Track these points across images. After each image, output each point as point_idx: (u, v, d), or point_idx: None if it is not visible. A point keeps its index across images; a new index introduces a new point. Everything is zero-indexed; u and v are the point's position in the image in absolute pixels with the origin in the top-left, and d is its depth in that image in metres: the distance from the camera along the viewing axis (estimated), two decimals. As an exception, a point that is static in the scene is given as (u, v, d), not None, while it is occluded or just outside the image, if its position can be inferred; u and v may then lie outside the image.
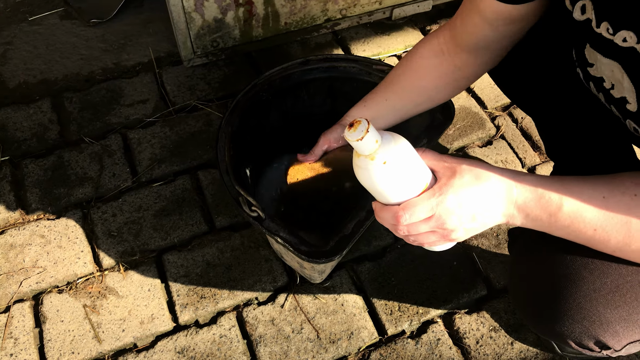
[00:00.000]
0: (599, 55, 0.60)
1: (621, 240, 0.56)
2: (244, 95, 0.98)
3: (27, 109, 1.29)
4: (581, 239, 0.58)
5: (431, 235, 0.61)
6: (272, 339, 0.99)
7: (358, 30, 1.49)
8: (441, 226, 0.60)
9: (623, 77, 0.58)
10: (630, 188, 0.55)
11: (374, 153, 0.56)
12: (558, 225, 0.58)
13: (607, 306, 0.62)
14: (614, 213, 0.55)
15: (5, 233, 1.09)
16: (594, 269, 0.62)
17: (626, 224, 0.55)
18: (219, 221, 1.13)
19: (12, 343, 0.97)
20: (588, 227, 0.56)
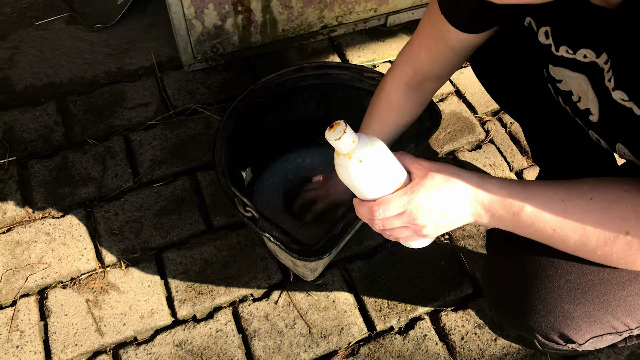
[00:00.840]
0: (567, 70, 0.65)
1: (578, 240, 0.60)
2: (241, 100, 1.03)
3: (34, 111, 1.34)
4: (543, 238, 0.63)
5: (404, 230, 0.66)
6: (266, 333, 1.03)
7: (354, 36, 1.54)
8: (412, 221, 0.64)
9: (588, 89, 0.62)
10: (586, 192, 0.60)
11: (351, 152, 0.61)
12: (521, 224, 0.63)
13: (570, 302, 0.66)
14: (571, 214, 0.60)
15: (12, 230, 1.14)
16: (558, 268, 0.66)
17: (582, 225, 0.59)
18: (217, 221, 1.18)
19: (18, 335, 1.02)
20: (548, 227, 0.61)
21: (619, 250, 0.59)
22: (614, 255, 0.59)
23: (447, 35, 0.76)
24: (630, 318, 0.67)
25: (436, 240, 1.16)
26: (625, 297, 0.66)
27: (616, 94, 0.56)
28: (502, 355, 1.02)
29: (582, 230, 0.59)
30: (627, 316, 0.67)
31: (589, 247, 0.60)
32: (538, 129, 1.02)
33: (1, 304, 1.06)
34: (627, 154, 0.62)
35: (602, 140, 0.66)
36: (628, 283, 0.66)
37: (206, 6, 1.28)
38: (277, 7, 1.35)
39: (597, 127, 0.64)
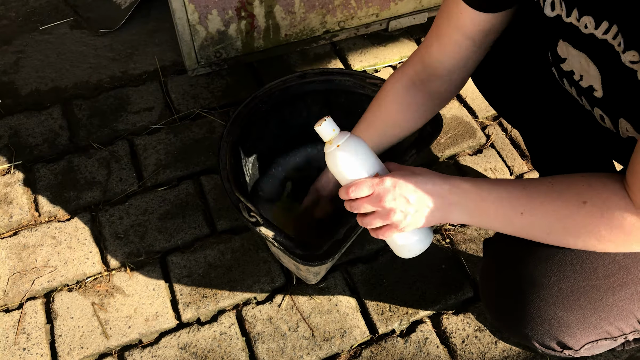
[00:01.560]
0: (570, 47, 0.65)
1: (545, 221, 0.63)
2: (245, 106, 1.04)
3: (39, 116, 1.36)
4: (514, 224, 0.65)
5: (376, 217, 0.70)
6: (270, 336, 1.05)
7: (355, 41, 1.55)
8: (379, 203, 0.68)
9: (589, 66, 0.63)
10: (546, 179, 0.64)
11: (332, 139, 0.73)
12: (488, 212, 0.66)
13: (564, 309, 0.68)
14: (534, 197, 0.63)
15: (19, 234, 1.16)
16: (551, 276, 0.68)
17: (546, 205, 0.63)
18: (220, 224, 1.19)
19: (25, 338, 1.03)
20: (515, 211, 0.64)
21: (581, 220, 0.62)
22: (578, 226, 0.62)
23: (460, 18, 0.74)
24: (623, 322, 0.69)
25: (437, 244, 1.17)
26: (617, 302, 0.67)
27: (626, 55, 0.56)
28: (502, 358, 1.03)
29: (546, 208, 0.63)
30: (620, 321, 0.69)
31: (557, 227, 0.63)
32: (538, 135, 1.03)
33: (8, 307, 1.07)
34: (630, 131, 0.63)
35: (607, 118, 0.66)
36: (619, 288, 0.67)
37: (210, 12, 1.30)
38: (280, 13, 1.37)
39: (601, 103, 0.65)
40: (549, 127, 0.97)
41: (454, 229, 1.20)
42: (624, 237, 0.61)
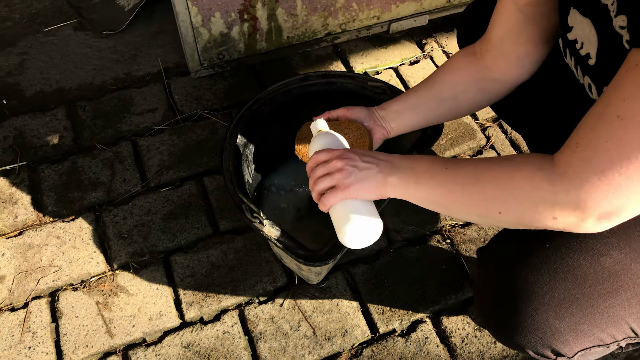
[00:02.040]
0: (577, 13, 0.66)
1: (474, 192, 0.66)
2: (248, 109, 1.06)
3: (44, 117, 1.37)
4: (448, 198, 0.69)
5: (325, 179, 0.77)
6: (272, 335, 1.06)
7: (357, 43, 1.56)
8: (330, 163, 0.77)
9: (591, 32, 0.64)
10: (466, 160, 0.69)
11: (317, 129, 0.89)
12: (420, 182, 0.71)
13: (556, 317, 0.68)
14: (461, 172, 0.68)
15: (24, 234, 1.17)
16: (543, 285, 0.69)
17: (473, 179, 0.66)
18: (223, 225, 1.21)
19: (31, 337, 1.05)
20: (441, 167, 0.70)
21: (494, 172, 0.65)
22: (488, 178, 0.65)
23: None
24: (615, 329, 0.70)
25: (437, 245, 1.19)
26: (608, 308, 0.68)
27: (617, 20, 0.56)
28: (501, 358, 1.04)
29: (466, 164, 0.68)
30: (612, 327, 0.70)
31: (487, 196, 0.65)
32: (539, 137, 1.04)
33: (14, 306, 1.08)
34: None
35: (594, 87, 0.67)
36: (610, 295, 0.68)
37: (213, 14, 1.31)
38: (283, 15, 1.38)
39: (592, 70, 0.65)
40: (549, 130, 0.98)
41: (454, 230, 1.21)
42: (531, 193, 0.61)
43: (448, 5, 1.55)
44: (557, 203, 0.59)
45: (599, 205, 0.56)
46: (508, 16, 0.79)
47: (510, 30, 0.80)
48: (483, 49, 0.86)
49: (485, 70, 0.87)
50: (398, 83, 1.48)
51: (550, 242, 0.72)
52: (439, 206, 0.72)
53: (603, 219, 0.58)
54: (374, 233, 0.77)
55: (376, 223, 0.76)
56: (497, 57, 0.84)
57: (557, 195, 0.58)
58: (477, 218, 0.69)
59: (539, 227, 0.63)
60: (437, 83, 0.91)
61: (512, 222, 0.65)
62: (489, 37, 0.84)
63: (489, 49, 0.84)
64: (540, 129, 1.00)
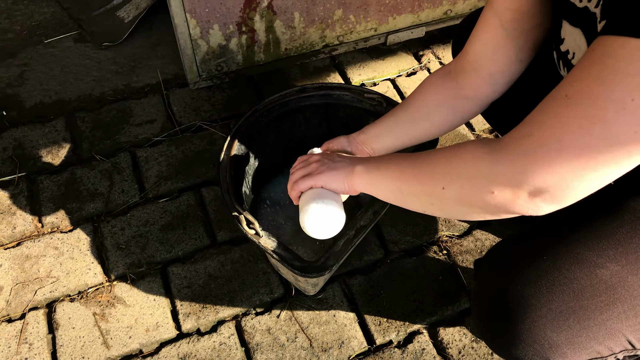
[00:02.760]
0: (568, 25, 0.67)
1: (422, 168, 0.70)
2: (245, 120, 1.07)
3: (43, 128, 1.38)
4: (400, 179, 0.72)
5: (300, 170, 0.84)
6: (269, 347, 1.06)
7: (354, 55, 1.58)
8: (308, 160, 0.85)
9: (581, 40, 0.64)
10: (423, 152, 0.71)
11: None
12: (381, 168, 0.75)
13: (554, 330, 0.68)
14: (417, 155, 0.71)
15: (22, 245, 1.17)
16: (540, 297, 0.69)
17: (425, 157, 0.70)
18: (221, 235, 1.21)
19: (27, 348, 1.05)
20: (397, 168, 0.73)
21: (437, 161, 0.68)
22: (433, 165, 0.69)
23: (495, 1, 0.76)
24: (613, 342, 0.70)
25: (434, 256, 1.19)
26: (605, 321, 0.68)
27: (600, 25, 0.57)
28: (498, 369, 1.04)
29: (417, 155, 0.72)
30: (609, 340, 0.70)
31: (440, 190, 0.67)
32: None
33: (10, 317, 1.08)
34: None
35: None
36: (607, 308, 0.68)
37: (211, 27, 1.32)
38: (280, 28, 1.40)
39: None
40: None
41: (451, 241, 1.22)
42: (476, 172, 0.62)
43: (445, 17, 1.57)
44: (494, 174, 0.59)
45: (532, 178, 0.56)
46: (488, 31, 0.80)
47: (487, 46, 0.81)
48: (458, 67, 0.87)
49: (457, 88, 0.87)
50: (395, 94, 1.49)
51: (547, 254, 0.72)
52: (396, 192, 0.73)
53: (536, 196, 0.57)
54: (335, 225, 0.80)
55: (338, 215, 0.80)
56: (471, 74, 0.85)
57: (496, 166, 0.59)
58: (426, 199, 0.69)
59: (478, 205, 0.63)
60: (411, 104, 0.93)
61: (454, 199, 0.65)
62: (464, 53, 0.85)
63: (464, 65, 0.85)
64: None
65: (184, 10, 1.26)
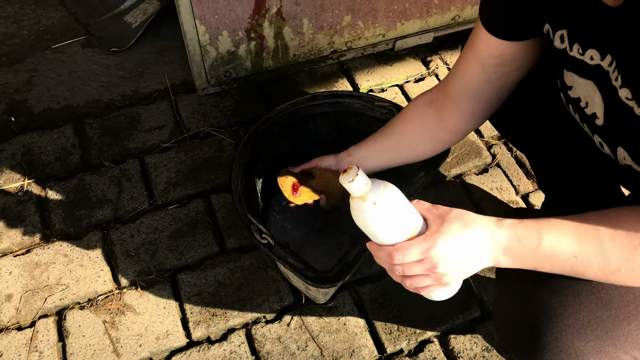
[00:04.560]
0: (576, 76, 0.68)
1: (601, 262, 0.62)
2: (256, 128, 1.06)
3: (51, 134, 1.38)
4: (566, 268, 0.65)
5: (425, 278, 0.67)
6: (279, 355, 1.06)
7: (362, 60, 1.57)
8: (433, 269, 0.66)
9: (595, 93, 0.65)
10: (594, 218, 0.64)
11: (365, 195, 0.65)
12: (543, 259, 0.65)
13: (581, 339, 0.68)
14: (586, 239, 0.63)
15: (31, 252, 1.17)
16: (567, 306, 0.69)
17: (600, 246, 0.62)
18: (230, 243, 1.21)
19: (37, 356, 1.05)
20: (569, 255, 0.63)
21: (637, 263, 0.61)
22: (637, 269, 0.62)
23: (476, 40, 0.77)
24: (638, 351, 0.70)
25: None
26: (632, 331, 0.68)
27: (622, 92, 0.59)
28: (510, 379, 1.04)
29: (602, 250, 0.62)
30: (635, 349, 0.69)
31: (612, 267, 0.62)
32: (544, 158, 1.05)
33: (20, 325, 1.08)
34: (627, 159, 0.65)
35: (605, 145, 0.69)
36: (634, 318, 0.68)
37: (220, 33, 1.32)
38: (289, 34, 1.39)
39: (601, 131, 0.67)
40: (554, 150, 0.99)
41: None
42: None
43: (453, 23, 1.57)
44: None
45: None
46: (469, 74, 0.81)
47: (468, 87, 0.82)
48: (439, 99, 0.88)
49: (439, 121, 0.89)
50: (403, 100, 1.49)
51: None
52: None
53: None
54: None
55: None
56: (452, 109, 0.86)
57: None
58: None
59: None
60: (395, 133, 0.95)
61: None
62: (446, 89, 0.86)
63: (445, 100, 0.87)
64: (544, 149, 1.00)
65: (193, 17, 1.26)
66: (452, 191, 1.31)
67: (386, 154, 0.97)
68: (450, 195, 1.30)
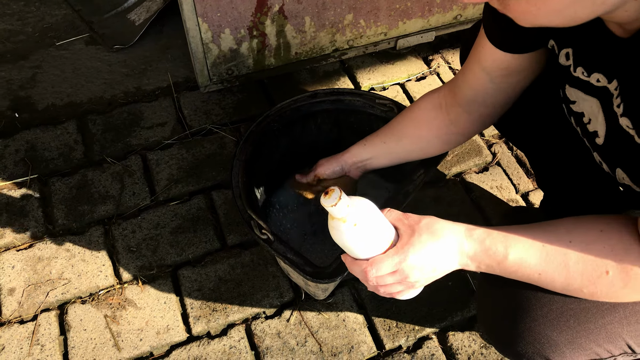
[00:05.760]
0: (580, 92, 0.68)
1: (564, 282, 0.65)
2: (257, 125, 1.07)
3: (55, 130, 1.39)
4: (531, 281, 0.68)
5: (397, 286, 0.71)
6: (278, 350, 1.07)
7: (364, 59, 1.58)
8: (405, 280, 0.69)
9: (599, 112, 0.66)
10: (565, 235, 0.64)
11: (346, 216, 0.65)
12: (508, 271, 0.68)
13: (554, 330, 0.70)
14: (552, 258, 0.64)
15: (34, 247, 1.18)
16: (541, 298, 0.71)
17: (565, 268, 0.64)
18: (231, 239, 1.21)
19: (39, 349, 1.06)
20: (533, 271, 0.66)
21: (602, 289, 0.63)
22: (599, 293, 0.64)
23: (481, 51, 0.78)
24: (612, 345, 0.71)
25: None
26: (606, 324, 0.69)
27: (623, 120, 0.60)
28: (507, 376, 1.04)
29: (566, 272, 0.64)
30: (608, 343, 0.70)
31: (574, 287, 0.65)
32: (543, 157, 1.05)
33: (23, 319, 1.09)
34: (626, 180, 0.66)
35: (604, 164, 0.69)
36: (608, 312, 0.69)
37: (223, 31, 1.33)
38: (291, 32, 1.40)
39: (601, 150, 0.68)
40: (554, 154, 0.99)
41: (460, 246, 1.22)
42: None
43: (454, 22, 1.57)
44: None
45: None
46: (477, 84, 0.82)
47: (478, 95, 0.84)
48: (449, 104, 0.89)
49: (450, 125, 0.91)
50: (404, 99, 1.50)
51: None
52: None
53: None
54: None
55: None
56: (462, 114, 0.88)
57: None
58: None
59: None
60: (404, 136, 0.96)
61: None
62: (455, 96, 0.87)
63: (455, 105, 0.88)
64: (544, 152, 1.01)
65: (195, 15, 1.26)
66: (452, 189, 1.32)
67: (396, 156, 0.99)
68: (451, 193, 1.31)
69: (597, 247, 0.63)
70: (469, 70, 0.83)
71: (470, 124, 0.89)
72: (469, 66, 0.83)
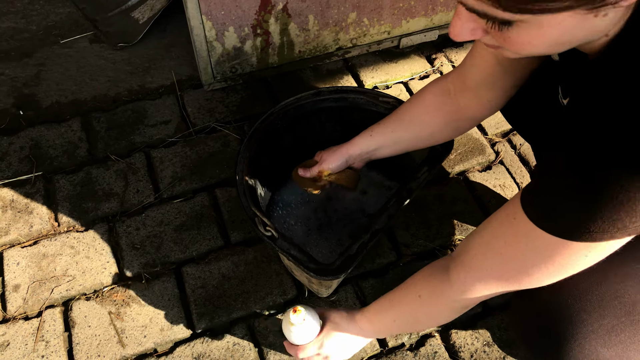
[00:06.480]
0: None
1: (406, 318, 0.87)
2: (261, 123, 1.07)
3: (59, 128, 1.39)
4: (396, 329, 0.92)
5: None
6: (282, 347, 1.07)
7: (367, 57, 1.58)
8: (326, 358, 0.97)
9: None
10: (414, 290, 0.84)
11: (299, 325, 0.93)
12: (381, 332, 0.97)
13: (604, 346, 0.67)
14: (397, 306, 0.87)
15: (39, 243, 1.19)
16: (591, 312, 0.68)
17: (404, 306, 0.86)
18: (234, 236, 1.22)
19: (44, 346, 1.06)
20: (392, 325, 0.89)
21: (424, 310, 0.83)
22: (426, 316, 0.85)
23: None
24: None
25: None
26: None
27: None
28: (510, 374, 1.05)
29: (403, 310, 0.87)
30: None
31: (411, 319, 0.88)
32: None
33: (27, 315, 1.10)
34: None
35: None
36: None
37: (227, 29, 1.33)
38: (295, 30, 1.40)
39: None
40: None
41: (463, 245, 1.22)
42: (453, 305, 0.77)
43: (458, 20, 1.57)
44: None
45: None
46: (485, 66, 0.83)
47: (486, 78, 0.84)
48: (457, 89, 0.90)
49: (459, 111, 0.92)
50: (408, 97, 1.50)
51: (596, 267, 0.68)
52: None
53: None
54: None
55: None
56: (472, 99, 0.89)
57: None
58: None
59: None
60: (413, 123, 0.97)
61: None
62: (464, 79, 0.88)
63: (464, 90, 0.89)
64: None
65: (200, 13, 1.27)
66: (455, 187, 1.32)
67: (404, 145, 0.99)
68: (454, 191, 1.31)
69: (418, 282, 0.85)
70: (477, 53, 0.83)
71: (479, 108, 0.90)
72: (476, 50, 0.83)
